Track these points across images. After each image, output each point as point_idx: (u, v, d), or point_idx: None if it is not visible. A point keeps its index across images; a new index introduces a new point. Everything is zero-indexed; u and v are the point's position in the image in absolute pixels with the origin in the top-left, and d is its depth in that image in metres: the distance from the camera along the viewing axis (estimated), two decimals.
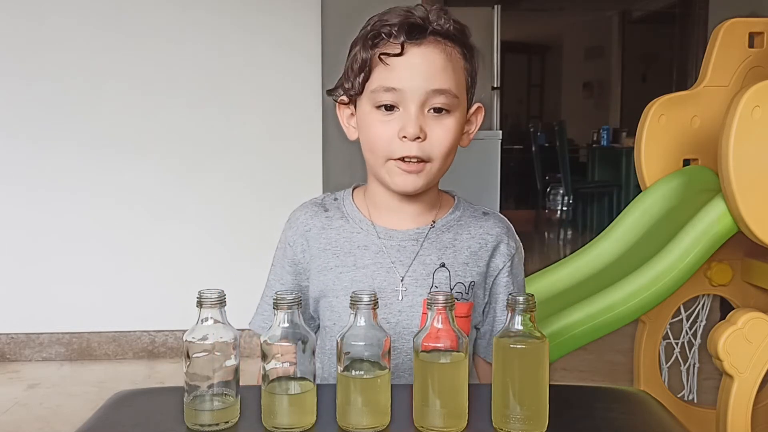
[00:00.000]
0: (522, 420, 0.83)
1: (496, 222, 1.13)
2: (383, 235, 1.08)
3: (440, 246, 1.08)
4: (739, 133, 1.51)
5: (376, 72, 1.02)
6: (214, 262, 3.11)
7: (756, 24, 1.92)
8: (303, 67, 3.05)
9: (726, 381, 1.52)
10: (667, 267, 1.61)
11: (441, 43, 1.03)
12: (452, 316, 0.84)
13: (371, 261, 1.07)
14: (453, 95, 1.02)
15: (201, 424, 0.85)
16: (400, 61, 1.01)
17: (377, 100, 1.02)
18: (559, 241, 6.80)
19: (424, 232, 1.09)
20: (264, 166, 3.14)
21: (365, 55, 1.02)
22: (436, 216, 1.11)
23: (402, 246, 1.08)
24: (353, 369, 0.84)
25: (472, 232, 1.10)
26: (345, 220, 1.11)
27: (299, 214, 1.13)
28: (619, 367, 2.56)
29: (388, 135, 1.02)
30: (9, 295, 3.06)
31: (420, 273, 1.07)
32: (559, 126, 6.64)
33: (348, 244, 1.09)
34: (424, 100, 1.01)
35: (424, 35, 1.02)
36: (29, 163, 3.04)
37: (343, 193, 1.15)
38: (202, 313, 0.85)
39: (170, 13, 3.06)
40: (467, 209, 1.13)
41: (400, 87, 1.00)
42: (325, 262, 1.09)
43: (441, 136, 1.02)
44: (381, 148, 1.03)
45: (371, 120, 1.04)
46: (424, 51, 1.01)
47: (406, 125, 1.00)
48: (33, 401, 2.63)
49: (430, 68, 1.01)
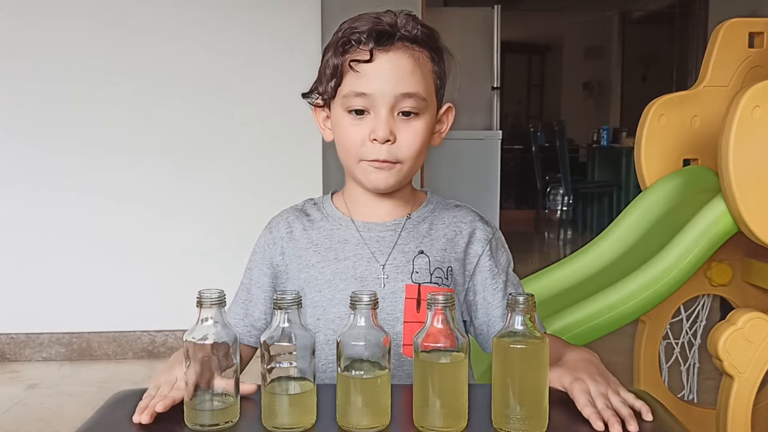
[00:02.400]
0: (522, 420, 0.83)
1: (468, 211, 1.17)
2: (362, 228, 1.12)
3: (417, 235, 1.12)
4: (739, 133, 1.52)
5: (347, 78, 1.06)
6: (214, 262, 3.10)
7: (756, 24, 1.92)
8: (303, 67, 3.04)
9: (726, 381, 1.52)
10: (667, 267, 1.61)
11: (409, 48, 1.06)
12: (452, 316, 0.84)
13: (352, 253, 1.11)
14: (421, 98, 1.06)
15: (201, 424, 0.85)
16: (369, 67, 1.04)
17: (348, 104, 1.06)
18: (559, 241, 6.80)
19: (401, 223, 1.13)
20: (264, 166, 3.14)
21: (336, 61, 1.06)
22: (411, 210, 1.15)
23: (381, 237, 1.12)
24: (353, 369, 0.84)
25: (446, 221, 1.15)
26: (325, 219, 1.15)
27: (279, 219, 1.18)
28: (619, 367, 2.55)
29: (359, 138, 1.06)
30: (9, 295, 3.06)
31: (400, 260, 1.10)
32: (559, 126, 6.64)
33: (328, 240, 1.13)
34: (393, 104, 1.05)
35: (392, 41, 1.05)
36: (29, 163, 3.04)
37: (322, 197, 1.20)
38: (202, 313, 0.85)
39: (170, 13, 3.06)
40: (439, 202, 1.18)
41: (370, 92, 1.04)
42: (306, 260, 1.12)
43: (410, 138, 1.06)
44: (353, 150, 1.08)
45: (344, 124, 1.08)
46: (392, 56, 1.05)
47: (376, 128, 1.04)
48: (33, 401, 2.63)
49: (399, 73, 1.05)
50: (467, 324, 1.15)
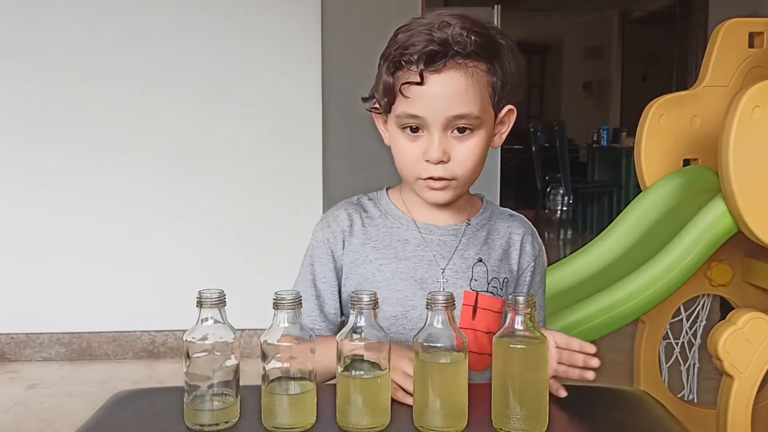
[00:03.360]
0: (522, 420, 0.83)
1: (522, 222, 1.18)
2: (423, 229, 1.12)
3: (477, 242, 1.12)
4: (739, 133, 1.52)
5: (399, 99, 1.04)
6: (214, 262, 3.11)
7: (756, 24, 1.92)
8: (303, 67, 3.04)
9: (726, 381, 1.52)
10: (667, 267, 1.61)
11: (462, 66, 1.01)
12: (452, 316, 0.84)
13: (412, 253, 1.10)
14: (475, 117, 1.03)
15: (201, 424, 0.85)
16: (420, 90, 1.01)
17: (402, 123, 1.05)
18: (559, 241, 6.80)
19: (461, 229, 1.13)
20: (264, 167, 3.14)
21: (388, 79, 1.04)
22: (470, 215, 1.14)
23: (442, 240, 1.11)
24: (353, 369, 0.84)
25: (501, 231, 1.15)
26: (384, 216, 1.14)
27: (338, 213, 1.15)
28: (619, 367, 2.55)
29: (414, 156, 1.05)
30: (9, 295, 3.06)
31: (460, 266, 1.10)
32: (559, 126, 6.64)
33: (388, 237, 1.12)
34: (445, 125, 1.03)
35: (444, 61, 1.00)
36: (29, 163, 3.04)
37: (378, 193, 1.18)
38: (202, 313, 0.85)
39: (170, 13, 3.06)
40: (495, 210, 1.17)
41: (422, 115, 1.03)
42: (364, 256, 1.11)
43: (465, 156, 1.05)
44: (409, 168, 1.07)
45: (398, 140, 1.07)
46: (444, 78, 1.01)
47: (429, 149, 1.03)
48: (33, 401, 2.63)
49: (450, 95, 1.01)
50: None
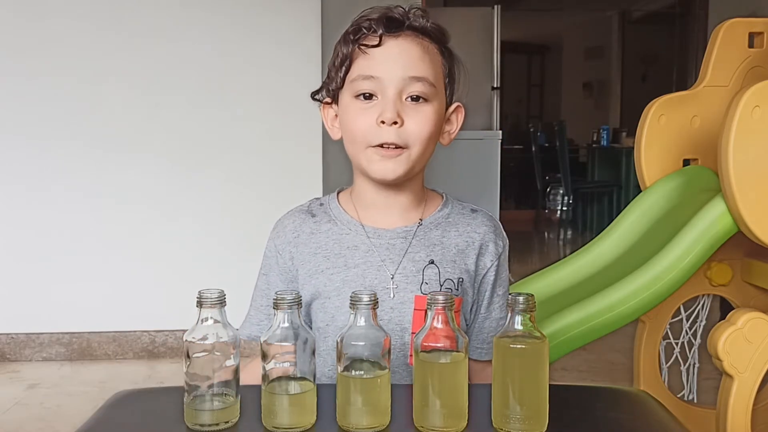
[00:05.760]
0: (522, 420, 0.83)
1: (484, 220, 1.14)
2: (372, 234, 1.10)
3: (428, 243, 1.10)
4: (739, 133, 1.51)
5: (356, 63, 1.06)
6: (214, 262, 3.11)
7: (756, 24, 1.92)
8: (303, 67, 3.05)
9: (726, 381, 1.52)
10: (667, 267, 1.61)
11: (418, 37, 1.07)
12: (452, 316, 0.84)
13: (361, 260, 1.08)
14: (430, 83, 1.05)
15: (201, 424, 0.85)
16: (378, 51, 1.05)
17: (357, 89, 1.06)
18: (559, 241, 6.80)
19: (412, 230, 1.10)
20: (264, 166, 3.14)
21: (346, 49, 1.07)
22: (423, 213, 1.13)
23: (391, 244, 1.09)
24: (353, 369, 0.84)
25: (459, 230, 1.12)
26: (333, 223, 1.12)
27: (286, 222, 1.15)
28: (619, 367, 2.55)
29: (367, 123, 1.05)
30: (9, 295, 3.06)
31: (410, 270, 1.08)
32: (559, 126, 6.64)
33: (337, 245, 1.10)
34: (401, 88, 1.04)
35: (402, 28, 1.06)
36: (29, 163, 3.04)
37: (329, 197, 1.17)
38: (202, 313, 0.85)
39: (170, 13, 3.06)
40: (455, 206, 1.15)
41: (378, 75, 1.04)
42: (315, 266, 1.10)
43: (418, 122, 1.05)
44: (360, 136, 1.06)
45: (351, 110, 1.07)
46: (401, 42, 1.06)
47: (383, 110, 1.03)
48: (33, 401, 2.63)
49: (407, 57, 1.05)
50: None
